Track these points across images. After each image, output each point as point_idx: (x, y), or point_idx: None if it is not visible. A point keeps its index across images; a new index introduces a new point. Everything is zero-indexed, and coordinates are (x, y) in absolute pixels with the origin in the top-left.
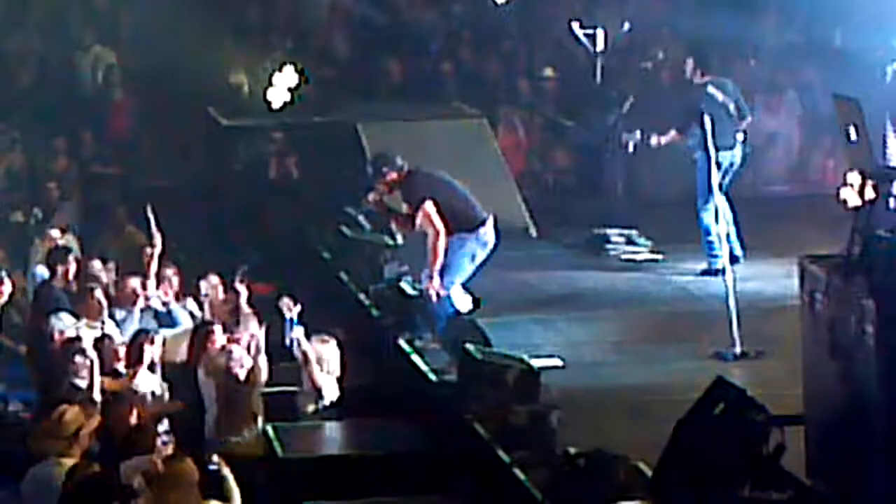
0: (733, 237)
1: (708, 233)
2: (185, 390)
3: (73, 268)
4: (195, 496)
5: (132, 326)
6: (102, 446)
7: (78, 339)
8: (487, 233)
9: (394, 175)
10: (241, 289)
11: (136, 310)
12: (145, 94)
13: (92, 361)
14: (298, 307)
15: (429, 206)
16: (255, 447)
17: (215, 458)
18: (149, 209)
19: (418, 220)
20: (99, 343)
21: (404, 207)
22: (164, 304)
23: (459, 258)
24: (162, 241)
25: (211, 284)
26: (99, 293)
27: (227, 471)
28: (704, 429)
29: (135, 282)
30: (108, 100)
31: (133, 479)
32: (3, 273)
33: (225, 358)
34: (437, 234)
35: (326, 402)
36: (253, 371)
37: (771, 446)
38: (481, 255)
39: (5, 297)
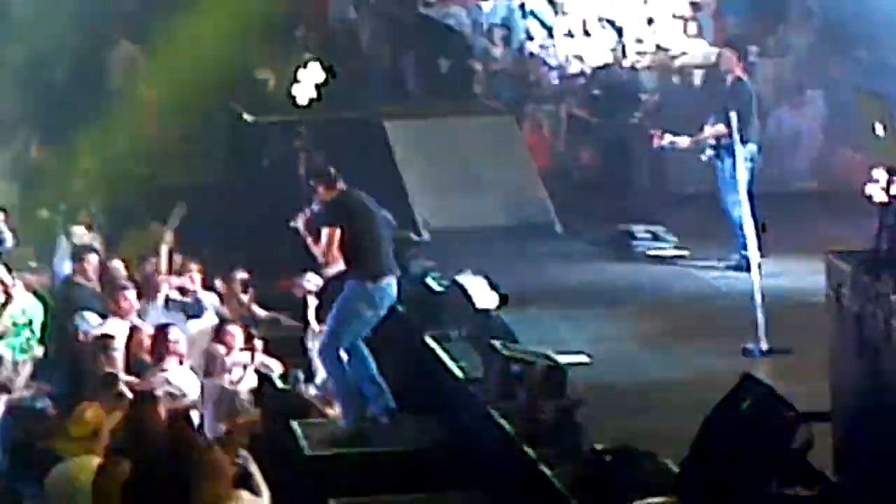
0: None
1: (739, 226)
2: None
3: (94, 264)
4: (227, 486)
5: (156, 318)
6: (131, 444)
7: (107, 336)
8: (391, 285)
9: (322, 189)
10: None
11: (159, 301)
12: (171, 90)
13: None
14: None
15: (336, 232)
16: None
17: (242, 451)
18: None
19: (322, 240)
20: (129, 337)
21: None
22: (191, 293)
23: (349, 315)
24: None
25: (237, 280)
26: (131, 293)
27: (253, 465)
28: (731, 425)
29: (160, 277)
30: (134, 96)
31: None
32: (12, 274)
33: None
34: (326, 263)
35: None
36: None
37: (798, 442)
38: (373, 320)
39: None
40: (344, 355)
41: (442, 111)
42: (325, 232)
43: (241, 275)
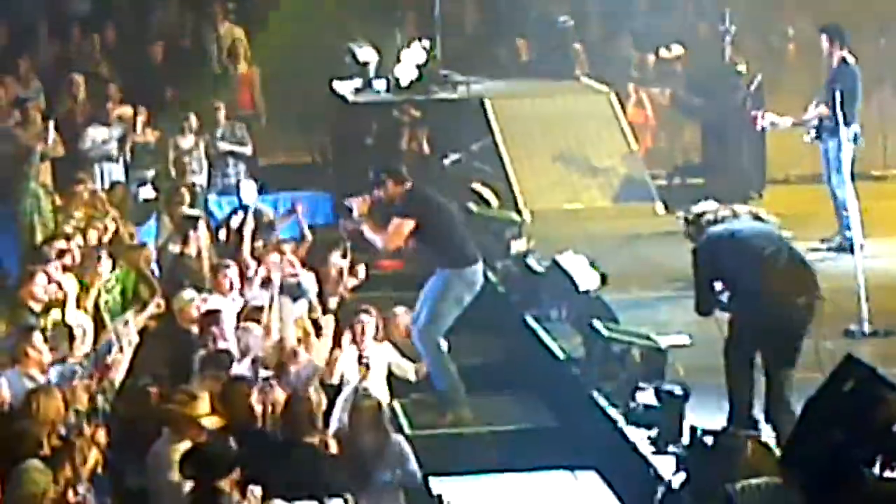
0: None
1: (844, 207)
2: None
3: (203, 237)
4: (385, 429)
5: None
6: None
7: (212, 312)
8: (476, 272)
9: (391, 184)
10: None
11: (256, 281)
12: (273, 70)
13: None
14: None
15: (409, 225)
16: None
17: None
18: None
19: (390, 229)
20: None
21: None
22: (293, 275)
23: (447, 299)
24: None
25: (331, 262)
26: (232, 271)
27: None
28: (834, 406)
29: (274, 257)
30: (236, 76)
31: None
32: (103, 251)
33: None
34: (384, 242)
35: None
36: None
37: None
38: (468, 298)
39: (105, 276)
40: (443, 342)
41: (544, 91)
42: (395, 221)
43: (341, 257)
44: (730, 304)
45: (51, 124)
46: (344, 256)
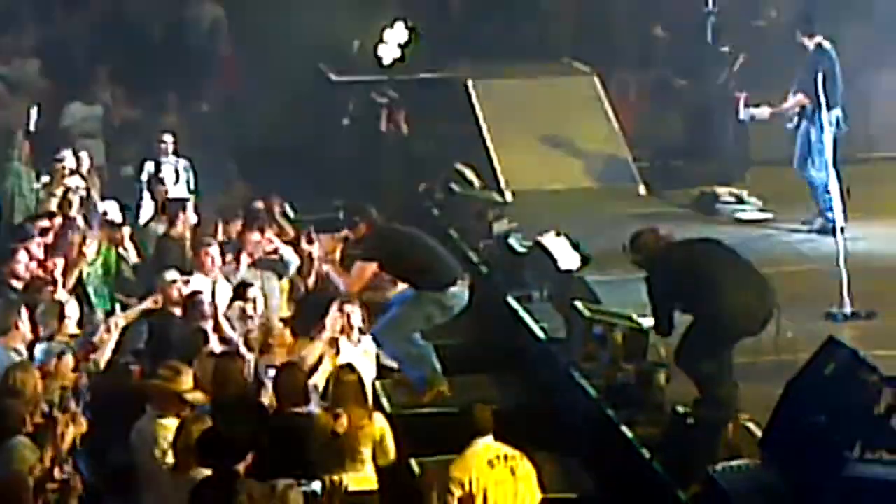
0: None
1: (826, 190)
2: None
3: (191, 219)
4: (369, 407)
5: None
6: (215, 402)
7: (195, 293)
8: (456, 294)
9: (363, 226)
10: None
11: (243, 261)
12: (255, 49)
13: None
14: None
15: (372, 268)
16: None
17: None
18: None
19: (353, 273)
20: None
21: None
22: (275, 251)
23: (412, 313)
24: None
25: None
26: (214, 250)
27: None
28: (815, 389)
29: (255, 236)
30: (218, 56)
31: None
32: (88, 232)
33: None
34: (347, 285)
35: None
36: None
37: (882, 406)
38: (439, 319)
39: (91, 256)
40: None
41: (527, 72)
42: (358, 265)
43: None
44: (689, 310)
45: (33, 110)
46: (310, 242)
